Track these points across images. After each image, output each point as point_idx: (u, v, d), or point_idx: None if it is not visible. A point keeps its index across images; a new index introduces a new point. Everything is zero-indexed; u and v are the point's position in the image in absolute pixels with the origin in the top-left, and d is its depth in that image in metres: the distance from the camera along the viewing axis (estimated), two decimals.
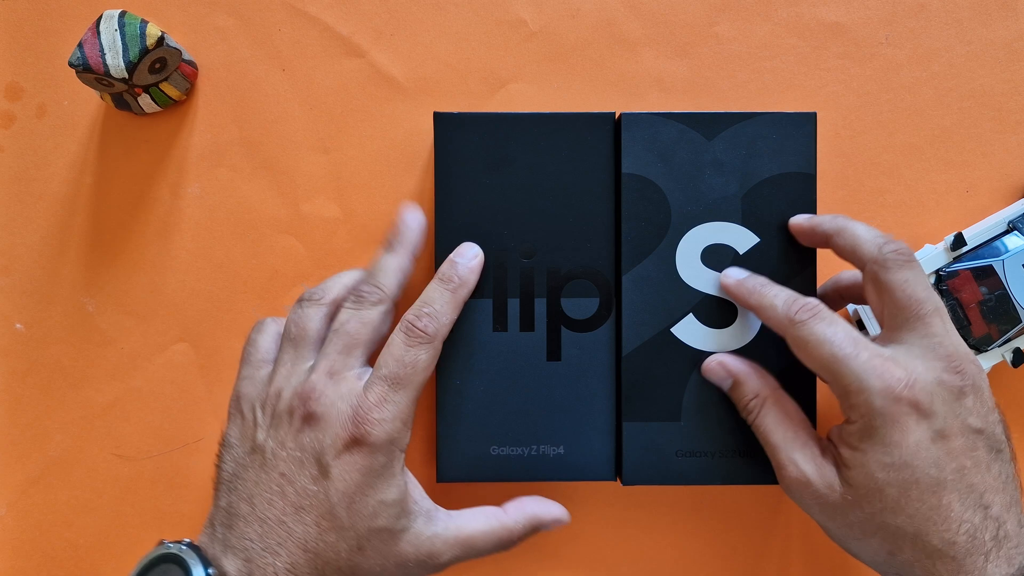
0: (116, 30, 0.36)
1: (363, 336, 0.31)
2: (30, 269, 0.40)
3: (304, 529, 0.28)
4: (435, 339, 0.31)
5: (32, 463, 0.40)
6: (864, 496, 0.29)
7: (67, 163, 0.40)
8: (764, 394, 0.32)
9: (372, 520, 0.29)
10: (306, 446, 0.29)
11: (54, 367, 0.40)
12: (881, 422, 0.28)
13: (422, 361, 0.30)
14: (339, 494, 0.28)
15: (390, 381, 0.30)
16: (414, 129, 0.39)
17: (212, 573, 0.28)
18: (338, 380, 0.30)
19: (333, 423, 0.29)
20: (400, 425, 0.29)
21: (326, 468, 0.28)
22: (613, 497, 0.39)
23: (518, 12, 0.40)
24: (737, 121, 0.34)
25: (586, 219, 0.35)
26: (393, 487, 0.29)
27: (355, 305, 0.31)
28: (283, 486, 0.28)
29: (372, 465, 0.29)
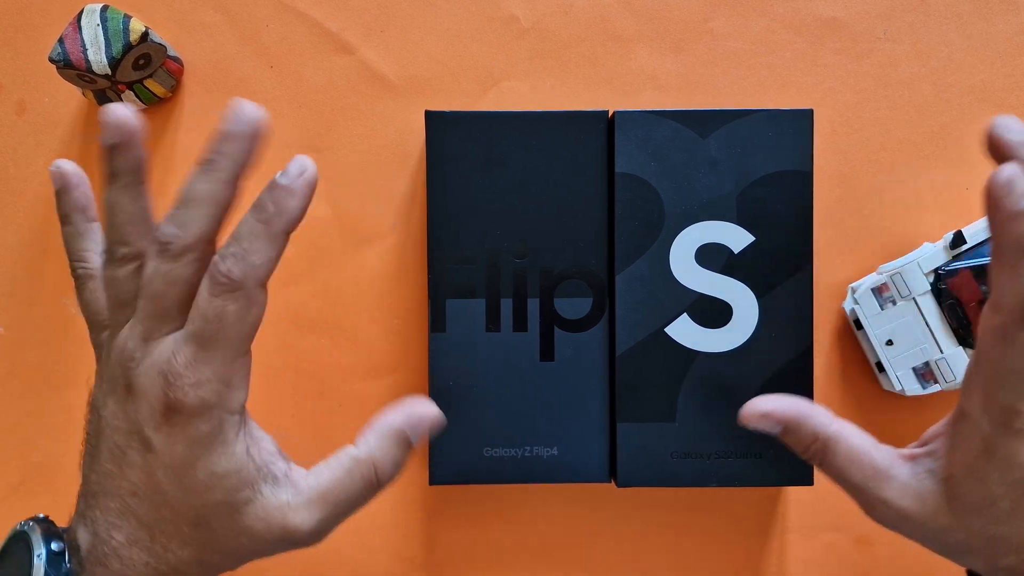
0: (98, 25, 0.37)
1: (172, 294, 0.27)
2: (11, 270, 0.41)
3: (138, 504, 0.27)
4: (244, 284, 0.27)
5: (13, 469, 0.41)
6: (975, 511, 0.28)
7: (48, 161, 0.41)
8: (824, 434, 0.30)
9: (206, 495, 0.27)
10: (130, 417, 0.28)
11: (36, 370, 0.41)
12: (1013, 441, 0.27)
13: (231, 312, 0.27)
14: (164, 468, 0.27)
15: (197, 339, 0.27)
16: (405, 128, 0.41)
17: (56, 548, 0.27)
18: (152, 344, 0.27)
19: (148, 392, 0.27)
20: (219, 387, 0.27)
21: (148, 441, 0.27)
22: (607, 499, 0.41)
23: (510, 8, 0.41)
24: (732, 119, 0.36)
25: (579, 218, 0.36)
26: (224, 456, 0.27)
27: (158, 257, 0.27)
28: (118, 456, 0.28)
29: (194, 435, 0.27)
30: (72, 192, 0.31)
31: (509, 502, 0.41)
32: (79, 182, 0.31)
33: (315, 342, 0.41)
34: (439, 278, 0.36)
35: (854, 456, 0.30)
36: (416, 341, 0.41)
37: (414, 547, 0.41)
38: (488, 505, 0.41)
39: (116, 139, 0.28)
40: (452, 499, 0.41)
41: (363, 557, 0.41)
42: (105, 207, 0.29)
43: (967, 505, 0.29)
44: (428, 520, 0.41)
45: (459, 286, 0.36)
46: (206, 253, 0.28)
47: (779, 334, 0.36)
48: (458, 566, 0.41)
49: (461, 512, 0.41)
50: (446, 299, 0.36)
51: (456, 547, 0.41)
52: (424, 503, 0.41)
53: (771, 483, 0.36)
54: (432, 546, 0.41)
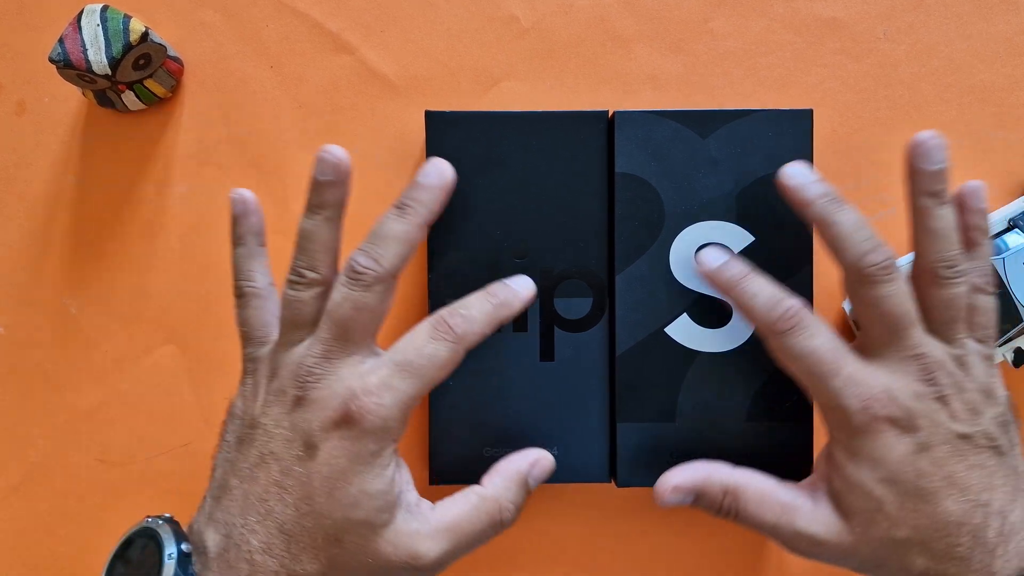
0: (98, 25, 0.37)
1: (359, 321, 0.30)
2: (11, 270, 0.41)
3: (283, 510, 0.29)
4: (461, 340, 0.31)
5: (13, 469, 0.41)
6: (869, 520, 0.30)
7: (49, 162, 0.42)
8: (730, 485, 0.32)
9: (352, 510, 0.29)
10: (296, 425, 0.29)
11: (36, 370, 0.41)
12: (862, 441, 0.30)
13: (441, 356, 0.30)
14: (321, 478, 0.29)
15: (400, 367, 0.30)
16: (405, 128, 0.41)
17: (186, 549, 0.28)
18: (335, 363, 0.30)
19: (325, 402, 0.29)
20: (398, 413, 0.29)
21: (313, 448, 0.29)
22: (607, 499, 0.41)
23: (510, 8, 0.41)
24: (732, 119, 0.36)
25: (579, 219, 0.37)
26: (379, 478, 0.29)
27: (349, 285, 0.30)
28: (270, 463, 0.29)
29: (360, 451, 0.29)
30: (251, 217, 0.34)
31: None
32: (256, 209, 0.34)
33: None
34: (439, 278, 0.36)
35: (762, 498, 0.32)
36: None
37: None
38: None
39: (331, 177, 0.32)
40: None
41: None
42: (301, 234, 0.32)
43: (860, 517, 0.30)
44: None
45: (459, 286, 0.36)
46: (392, 287, 0.31)
47: None
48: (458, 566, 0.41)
49: None
50: (446, 299, 0.36)
51: None
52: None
53: None
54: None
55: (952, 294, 0.31)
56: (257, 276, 0.34)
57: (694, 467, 0.33)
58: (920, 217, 0.32)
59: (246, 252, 0.34)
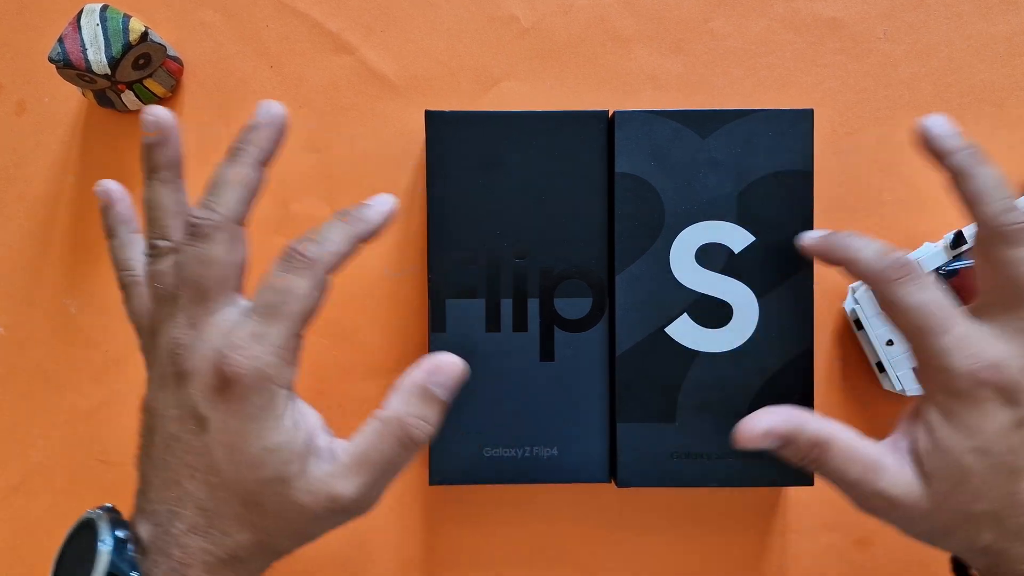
0: (98, 24, 0.37)
1: (210, 276, 0.29)
2: (11, 270, 0.42)
3: (196, 488, 0.28)
4: (315, 264, 0.29)
5: (13, 469, 0.42)
6: (949, 489, 0.29)
7: (48, 161, 0.42)
8: (821, 438, 0.31)
9: (259, 470, 0.28)
10: (183, 402, 0.28)
11: (36, 370, 0.41)
12: (962, 405, 0.29)
13: (299, 287, 0.28)
14: (219, 446, 0.28)
15: (261, 313, 0.28)
16: (405, 128, 0.41)
17: (122, 536, 0.28)
18: (200, 328, 0.29)
19: (201, 372, 0.28)
20: (275, 359, 0.28)
21: (203, 420, 0.28)
22: (607, 499, 0.41)
23: (510, 8, 0.41)
24: (732, 119, 0.36)
25: (579, 219, 0.37)
26: (276, 431, 0.28)
27: (190, 240, 0.29)
28: (173, 446, 0.29)
29: (248, 408, 0.28)
30: (116, 206, 0.33)
31: (509, 502, 0.41)
32: (122, 197, 0.33)
33: (315, 342, 0.41)
34: (439, 278, 0.37)
35: (849, 453, 0.31)
36: (416, 341, 0.41)
37: (414, 547, 0.41)
38: (488, 505, 0.41)
39: (156, 137, 0.30)
40: (452, 499, 0.41)
41: (363, 557, 0.41)
42: (144, 205, 0.31)
43: (942, 484, 0.30)
44: (428, 520, 0.41)
45: (459, 286, 0.37)
46: (238, 234, 0.29)
47: (779, 334, 0.36)
48: (458, 566, 0.41)
49: (461, 512, 0.41)
50: (446, 299, 0.37)
51: (456, 547, 0.41)
52: (424, 503, 0.41)
53: (771, 483, 0.36)
54: (432, 546, 0.41)
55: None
56: (135, 264, 0.32)
57: (786, 413, 0.32)
58: (962, 180, 0.31)
59: (119, 243, 0.33)
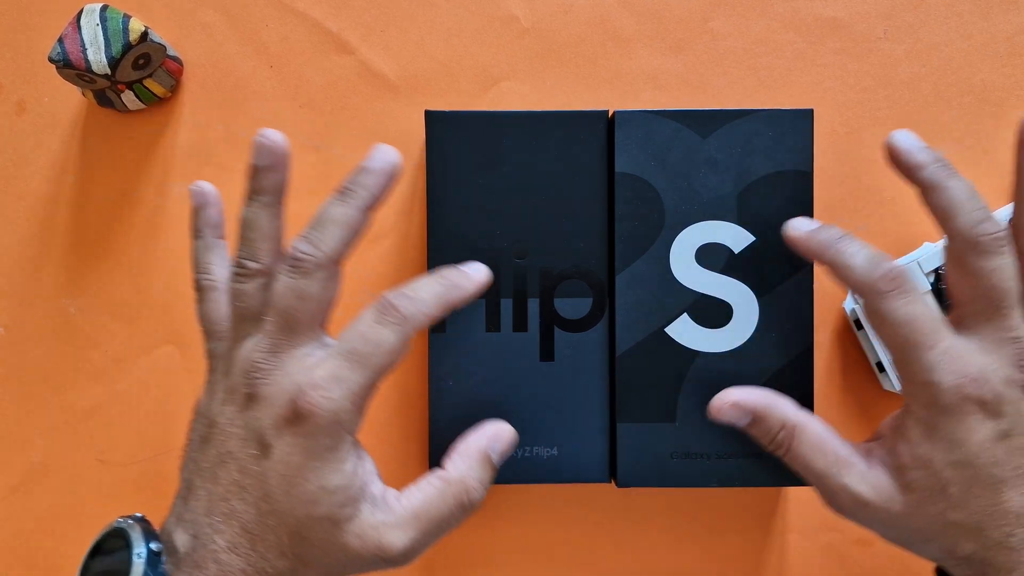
0: (98, 24, 0.37)
1: (302, 310, 0.29)
2: (11, 271, 0.42)
3: (245, 509, 0.28)
4: (408, 322, 0.29)
5: (13, 469, 0.42)
6: (928, 498, 0.30)
7: (48, 161, 0.42)
8: (791, 422, 0.32)
9: (312, 507, 0.28)
10: (249, 424, 0.29)
11: (36, 371, 0.42)
12: (946, 420, 0.29)
13: (388, 341, 0.29)
14: (278, 476, 0.28)
15: (346, 357, 0.29)
16: (405, 127, 0.41)
17: (155, 548, 0.28)
18: (282, 357, 0.29)
19: (274, 400, 0.28)
20: (349, 406, 0.28)
21: (267, 447, 0.28)
22: (607, 499, 0.41)
23: (510, 8, 0.41)
24: (732, 119, 0.36)
25: (579, 218, 0.37)
26: (337, 473, 0.29)
27: (290, 273, 0.29)
28: (228, 463, 0.29)
29: (314, 447, 0.28)
30: (209, 209, 0.33)
31: (509, 502, 0.41)
32: (216, 201, 0.34)
33: None
34: None
35: (818, 443, 0.31)
36: (416, 341, 0.41)
37: None
38: (488, 505, 0.41)
39: (268, 161, 0.31)
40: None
41: None
42: (241, 223, 0.31)
43: (920, 493, 0.30)
44: None
45: None
46: (335, 273, 0.30)
47: (779, 334, 0.36)
48: (458, 566, 0.41)
49: None
50: None
51: (456, 547, 0.41)
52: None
53: (771, 483, 0.36)
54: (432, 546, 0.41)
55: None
56: (215, 269, 0.33)
57: (759, 392, 0.33)
58: (932, 193, 0.31)
59: (203, 245, 0.33)
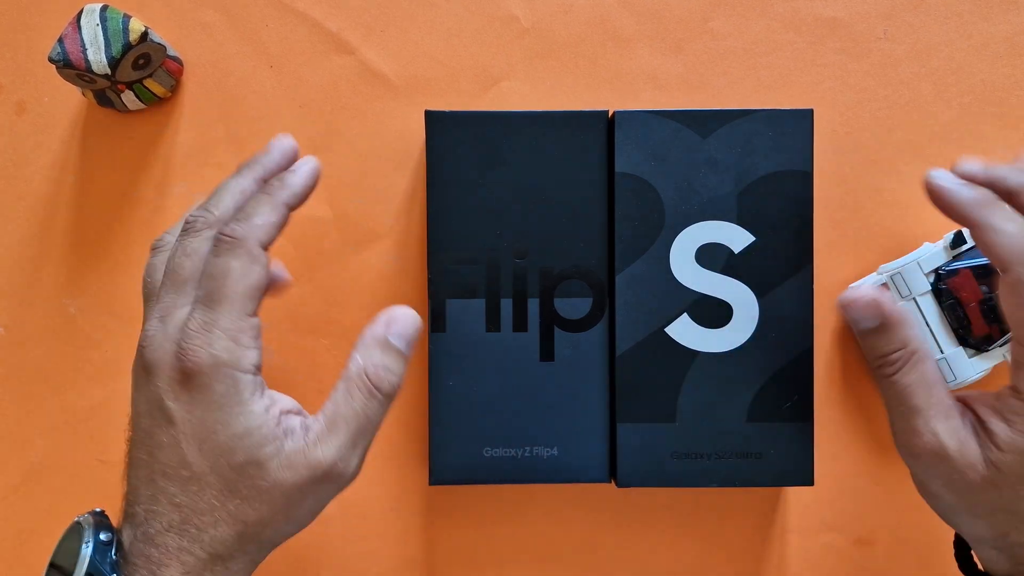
0: (98, 24, 0.37)
1: (188, 268, 0.29)
2: (11, 270, 0.42)
3: (168, 484, 0.28)
4: (246, 241, 0.29)
5: (13, 469, 0.41)
6: (1010, 483, 0.29)
7: (48, 161, 0.42)
8: (914, 346, 0.30)
9: (229, 456, 0.28)
10: (150, 397, 0.28)
11: (35, 370, 0.41)
12: None
13: (234, 268, 0.28)
14: (187, 438, 0.28)
15: (203, 301, 0.28)
16: (405, 128, 0.41)
17: (104, 539, 0.28)
18: (167, 321, 0.29)
19: (163, 365, 0.28)
20: (229, 344, 0.28)
21: (169, 413, 0.28)
22: (607, 499, 0.41)
23: (510, 8, 0.41)
24: (732, 119, 0.36)
25: (579, 218, 0.37)
26: (243, 415, 0.28)
27: (181, 236, 0.30)
28: (146, 443, 0.28)
29: (211, 397, 0.28)
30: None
31: (509, 502, 0.41)
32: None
33: (315, 342, 0.41)
34: (439, 278, 0.37)
35: (929, 380, 0.30)
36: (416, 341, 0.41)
37: (414, 547, 0.41)
38: (488, 505, 0.41)
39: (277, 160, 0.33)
40: (452, 499, 0.41)
41: (363, 557, 0.41)
42: (219, 186, 0.32)
43: (1004, 476, 0.29)
44: (428, 520, 0.41)
45: (459, 286, 0.37)
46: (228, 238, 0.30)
47: (779, 334, 0.36)
48: (458, 566, 0.41)
49: (461, 512, 0.41)
50: (446, 299, 0.37)
51: (456, 547, 0.41)
52: (424, 503, 0.41)
53: (771, 483, 0.36)
54: (432, 546, 0.41)
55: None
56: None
57: (899, 307, 0.31)
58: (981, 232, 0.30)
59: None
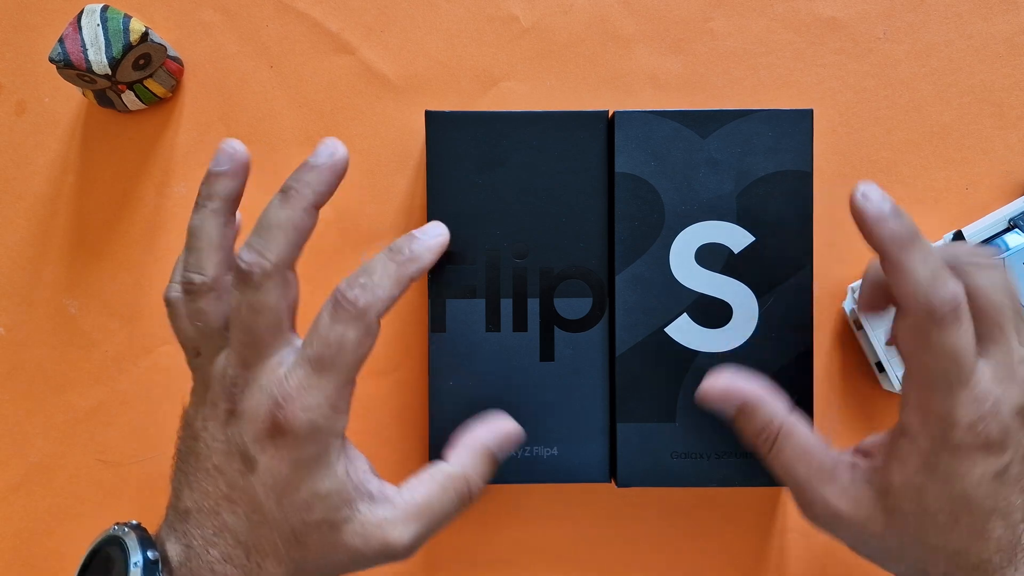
0: (98, 25, 0.37)
1: (261, 323, 0.28)
2: (11, 270, 0.42)
3: (236, 521, 0.28)
4: (367, 314, 0.28)
5: (13, 469, 0.41)
6: (911, 523, 0.29)
7: (48, 162, 0.42)
8: (779, 421, 0.30)
9: (306, 513, 0.28)
10: (231, 438, 0.28)
11: (36, 370, 0.41)
12: (950, 455, 0.28)
13: (350, 340, 0.28)
14: (266, 488, 0.28)
15: (313, 363, 0.28)
16: (405, 128, 0.41)
17: (152, 557, 0.28)
18: (254, 369, 0.29)
19: (253, 415, 0.28)
20: (328, 411, 0.28)
21: (251, 461, 0.28)
22: (607, 499, 0.41)
23: (510, 8, 0.41)
24: (732, 119, 0.36)
25: (579, 219, 0.37)
26: (327, 478, 0.28)
27: (240, 287, 0.29)
28: (215, 477, 0.29)
29: (300, 456, 0.28)
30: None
31: (509, 502, 0.41)
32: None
33: None
34: (439, 278, 0.37)
35: (803, 450, 0.30)
36: (416, 341, 0.41)
37: None
38: (488, 505, 0.41)
39: (225, 167, 0.30)
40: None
41: None
42: (189, 232, 0.30)
43: (905, 516, 0.29)
44: None
45: (459, 286, 0.37)
46: (287, 279, 0.29)
47: (779, 334, 0.36)
48: (458, 566, 0.41)
49: None
50: (446, 299, 0.37)
51: (456, 547, 0.41)
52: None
53: (771, 483, 0.36)
54: (432, 546, 0.41)
55: None
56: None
57: (752, 382, 0.31)
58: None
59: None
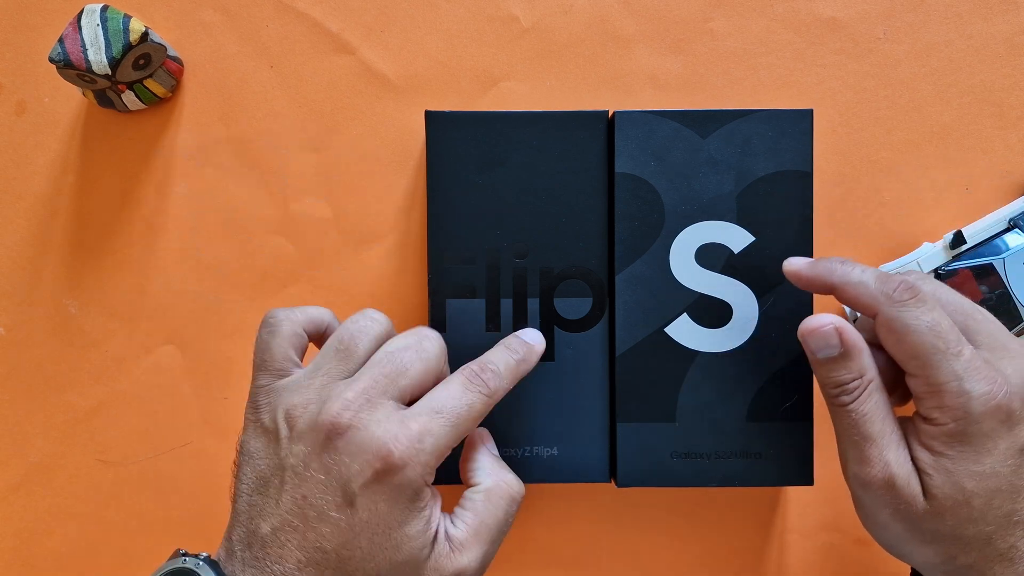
0: (98, 25, 0.37)
1: (414, 369, 0.30)
2: (11, 271, 0.42)
3: (323, 557, 0.28)
4: (493, 395, 0.31)
5: (13, 469, 0.41)
6: (949, 508, 0.29)
7: (48, 162, 0.42)
8: (871, 375, 0.31)
9: (395, 552, 0.28)
10: (331, 469, 0.28)
11: (36, 370, 0.41)
12: (977, 429, 0.28)
13: (476, 407, 0.30)
14: (362, 524, 0.28)
15: (439, 414, 0.29)
16: (405, 128, 0.41)
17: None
18: (374, 404, 0.29)
19: (364, 449, 0.28)
20: (436, 460, 0.29)
21: (351, 497, 0.28)
22: (607, 499, 0.41)
23: (510, 9, 0.41)
24: (732, 119, 0.36)
25: (579, 219, 0.37)
26: (419, 520, 0.29)
27: (415, 336, 0.31)
28: (304, 509, 0.28)
29: (400, 498, 0.28)
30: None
31: None
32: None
33: None
34: (439, 278, 0.37)
35: (883, 409, 0.31)
36: None
37: None
38: None
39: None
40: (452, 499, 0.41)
41: None
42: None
43: (943, 500, 0.29)
44: None
45: (459, 286, 0.36)
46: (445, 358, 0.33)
47: (779, 334, 0.36)
48: None
49: None
50: (446, 299, 0.37)
51: None
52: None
53: (771, 483, 0.36)
54: None
55: None
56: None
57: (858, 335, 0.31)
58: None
59: None
